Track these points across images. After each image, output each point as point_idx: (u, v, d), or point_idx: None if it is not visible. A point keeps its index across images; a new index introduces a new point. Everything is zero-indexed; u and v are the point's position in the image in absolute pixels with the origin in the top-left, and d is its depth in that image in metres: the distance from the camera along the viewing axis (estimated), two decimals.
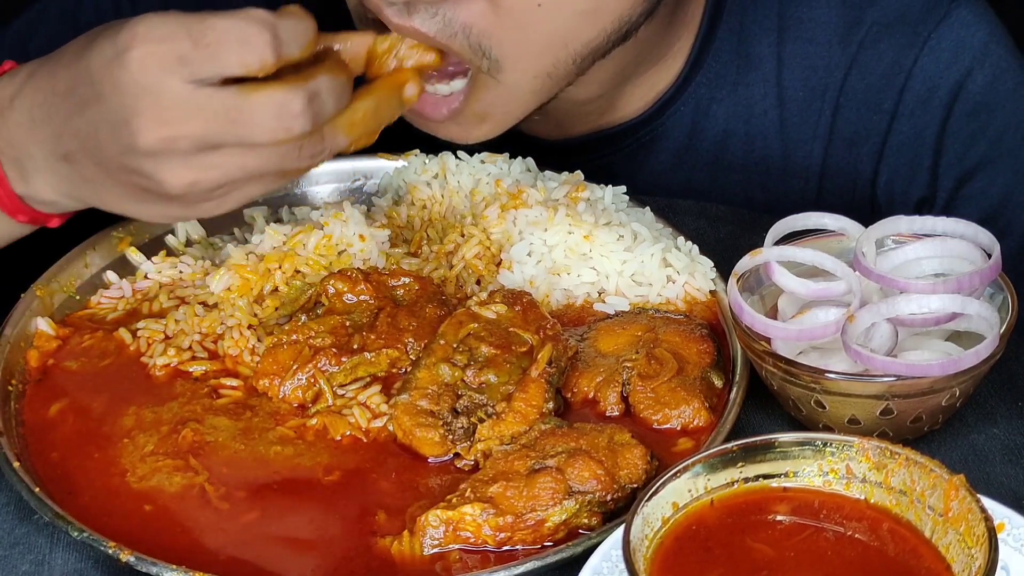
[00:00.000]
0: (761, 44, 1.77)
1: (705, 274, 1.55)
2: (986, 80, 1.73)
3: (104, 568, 1.34)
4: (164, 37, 1.28)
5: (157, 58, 1.28)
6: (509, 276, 1.55)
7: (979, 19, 1.74)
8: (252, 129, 1.29)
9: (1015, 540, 1.25)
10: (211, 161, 1.30)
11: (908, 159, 1.76)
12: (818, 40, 1.76)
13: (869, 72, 1.75)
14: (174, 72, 1.28)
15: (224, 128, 1.29)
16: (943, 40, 1.73)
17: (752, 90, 1.78)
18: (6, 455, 1.38)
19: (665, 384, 1.44)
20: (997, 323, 1.37)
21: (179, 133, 1.29)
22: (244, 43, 1.28)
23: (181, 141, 1.29)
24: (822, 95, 1.77)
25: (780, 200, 1.79)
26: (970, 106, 1.73)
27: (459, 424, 1.40)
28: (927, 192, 1.76)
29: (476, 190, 1.64)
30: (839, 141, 1.78)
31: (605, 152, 1.80)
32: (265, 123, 1.29)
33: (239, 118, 1.29)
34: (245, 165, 1.31)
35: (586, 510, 1.32)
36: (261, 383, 1.46)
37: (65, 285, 1.58)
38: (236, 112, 1.28)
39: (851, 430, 1.39)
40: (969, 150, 1.74)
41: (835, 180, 1.79)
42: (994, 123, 1.74)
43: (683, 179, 1.81)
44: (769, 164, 1.80)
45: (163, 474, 1.38)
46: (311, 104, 1.30)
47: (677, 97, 1.78)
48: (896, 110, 1.75)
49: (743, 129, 1.79)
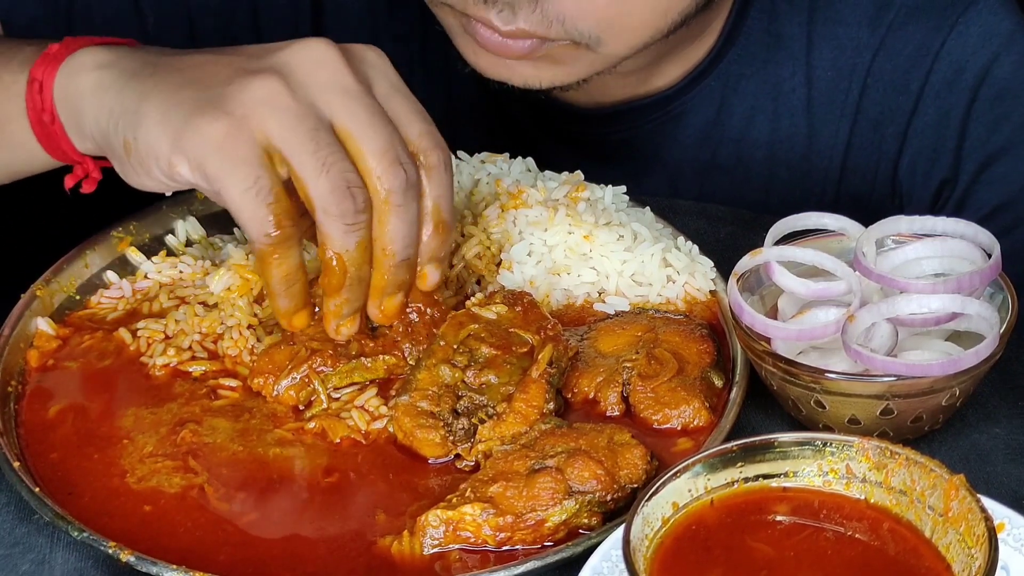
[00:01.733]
0: (792, 23, 1.79)
1: (705, 274, 1.55)
2: (1013, 66, 1.75)
3: (104, 568, 1.34)
4: (371, 61, 1.38)
5: (337, 65, 1.35)
6: (509, 276, 1.55)
7: (1006, 7, 1.76)
8: (317, 169, 1.32)
9: (1015, 540, 1.25)
10: (270, 133, 1.32)
11: (932, 140, 1.78)
12: (848, 21, 1.78)
13: (897, 54, 1.77)
14: (336, 72, 1.34)
15: (301, 142, 1.32)
16: (971, 25, 1.75)
17: (781, 68, 1.80)
18: (6, 455, 1.38)
19: (665, 384, 1.44)
20: (997, 323, 1.37)
21: (286, 102, 1.32)
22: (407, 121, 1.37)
23: (282, 100, 1.31)
24: (850, 75, 1.79)
25: (802, 180, 1.80)
26: (995, 91, 1.75)
27: (460, 425, 1.40)
28: (949, 174, 1.77)
29: (476, 190, 1.64)
30: (864, 121, 1.80)
31: (633, 123, 1.82)
32: (332, 179, 1.32)
33: (329, 155, 1.32)
34: (263, 182, 1.32)
35: (586, 510, 1.32)
36: (256, 381, 1.46)
37: (65, 285, 1.58)
38: (331, 148, 1.32)
39: (851, 430, 1.39)
40: (993, 134, 1.75)
41: (858, 160, 1.81)
42: (1019, 108, 1.76)
43: (709, 154, 1.83)
44: (794, 143, 1.81)
45: (163, 475, 1.38)
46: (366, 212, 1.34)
47: (708, 72, 1.80)
48: (922, 92, 1.77)
49: (771, 107, 1.81)
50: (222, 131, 1.31)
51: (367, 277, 1.38)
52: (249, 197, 1.32)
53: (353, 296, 1.38)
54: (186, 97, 1.34)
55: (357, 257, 1.35)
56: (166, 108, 1.33)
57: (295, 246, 1.35)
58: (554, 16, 1.53)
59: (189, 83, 1.35)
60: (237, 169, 1.31)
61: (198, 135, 1.32)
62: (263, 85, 1.33)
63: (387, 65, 1.40)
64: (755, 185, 1.83)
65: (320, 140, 1.32)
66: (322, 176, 1.31)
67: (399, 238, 1.36)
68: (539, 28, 1.54)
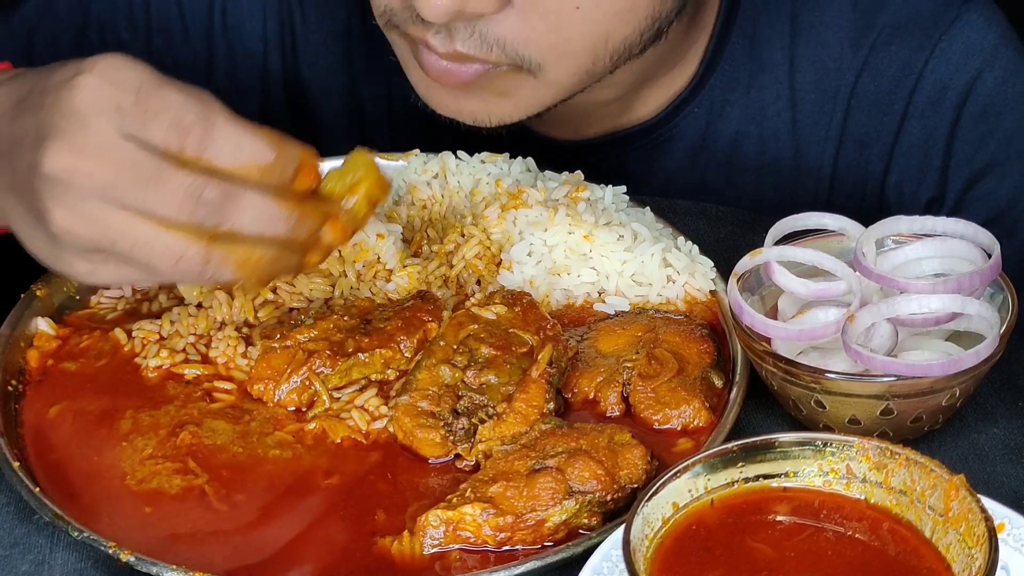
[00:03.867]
0: (774, 47, 1.78)
1: (705, 274, 1.55)
2: (996, 82, 1.75)
3: (104, 568, 1.34)
4: (117, 81, 1.26)
5: (100, 95, 1.25)
6: (509, 276, 1.55)
7: (989, 22, 1.75)
8: (158, 194, 1.24)
9: (1015, 540, 1.25)
10: (101, 215, 1.25)
11: (918, 160, 1.77)
12: (830, 43, 1.78)
13: (880, 74, 1.77)
14: (107, 116, 1.25)
15: (130, 184, 1.25)
16: (953, 43, 1.74)
17: (765, 92, 1.79)
18: (6, 455, 1.38)
19: (665, 384, 1.44)
20: (997, 323, 1.37)
21: (84, 169, 1.24)
22: (175, 125, 1.25)
23: (83, 178, 1.24)
24: (834, 97, 1.78)
25: (791, 200, 1.80)
26: (980, 107, 1.75)
27: (460, 425, 1.40)
28: (936, 192, 1.77)
29: (476, 190, 1.64)
30: (850, 142, 1.79)
31: (618, 153, 1.81)
32: (172, 194, 1.24)
33: (150, 179, 1.24)
34: (133, 235, 1.26)
35: (586, 510, 1.32)
36: (256, 388, 1.45)
37: (65, 285, 1.58)
38: (150, 173, 1.24)
39: (851, 430, 1.39)
40: (978, 151, 1.75)
41: (846, 180, 1.81)
42: (1003, 125, 1.75)
43: (696, 180, 1.82)
44: (781, 165, 1.81)
45: (163, 476, 1.38)
46: (227, 202, 1.26)
47: (691, 99, 1.79)
48: (907, 111, 1.77)
49: (756, 131, 1.80)
50: (52, 253, 1.30)
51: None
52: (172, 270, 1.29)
53: (303, 228, 1.31)
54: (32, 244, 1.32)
55: (264, 219, 1.28)
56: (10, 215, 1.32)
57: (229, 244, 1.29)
58: (493, 40, 1.53)
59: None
60: (96, 271, 1.30)
61: (42, 255, 1.31)
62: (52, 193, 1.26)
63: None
64: (745, 207, 1.83)
65: (140, 177, 1.25)
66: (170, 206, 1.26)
67: (255, 221, 1.28)
68: (478, 52, 1.53)
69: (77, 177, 1.25)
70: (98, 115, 1.25)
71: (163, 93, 1.26)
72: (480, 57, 1.54)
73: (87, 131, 1.25)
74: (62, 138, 1.25)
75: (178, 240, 1.26)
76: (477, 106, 1.61)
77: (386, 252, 1.56)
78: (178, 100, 1.26)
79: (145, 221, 1.25)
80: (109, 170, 1.25)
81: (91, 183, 1.25)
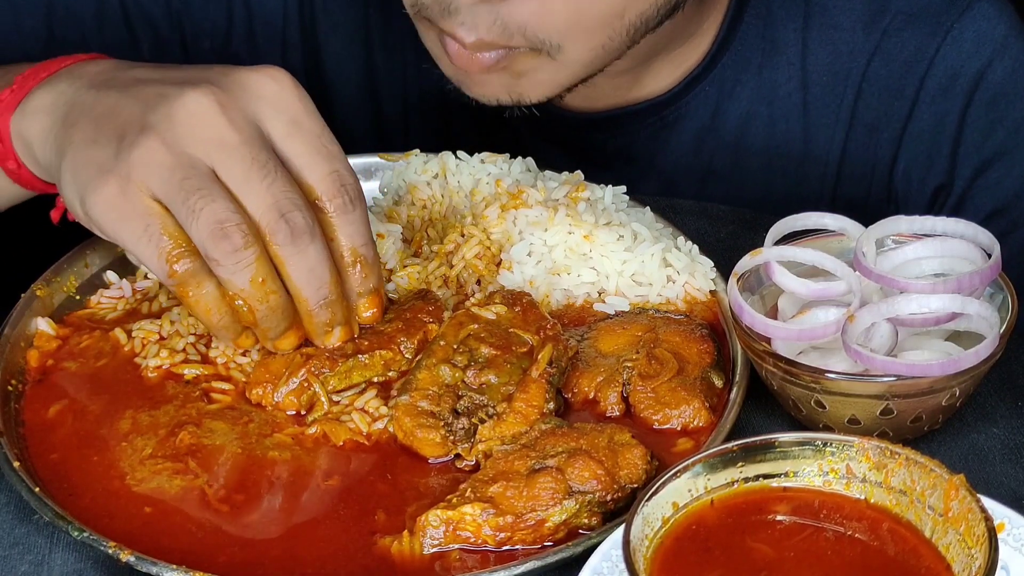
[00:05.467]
0: (787, 28, 1.79)
1: (705, 274, 1.55)
2: (1006, 71, 1.76)
3: (104, 568, 1.34)
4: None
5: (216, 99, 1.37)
6: (509, 276, 1.55)
7: (1000, 12, 1.77)
8: (204, 200, 1.35)
9: (1015, 540, 1.25)
10: (174, 185, 1.35)
11: (927, 146, 1.78)
12: (843, 26, 1.78)
13: (892, 59, 1.78)
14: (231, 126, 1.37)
15: (172, 194, 1.35)
16: (965, 31, 1.76)
17: (776, 73, 1.80)
18: (6, 455, 1.38)
19: (665, 384, 1.44)
20: (997, 323, 1.37)
21: (160, 158, 1.36)
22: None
23: (157, 156, 1.35)
24: (845, 80, 1.79)
25: (797, 189, 1.81)
26: (990, 96, 1.76)
27: (460, 425, 1.40)
28: (945, 179, 1.78)
29: (476, 190, 1.64)
30: (860, 126, 1.80)
31: (628, 129, 1.82)
32: (217, 206, 1.34)
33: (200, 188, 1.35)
34: (163, 225, 1.36)
35: (586, 510, 1.32)
36: (254, 392, 1.45)
37: (65, 285, 1.58)
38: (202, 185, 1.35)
39: (851, 430, 1.39)
40: (987, 139, 1.76)
41: (854, 165, 1.81)
42: (1012, 113, 1.76)
43: (704, 161, 1.83)
44: (790, 147, 1.81)
45: (163, 476, 1.38)
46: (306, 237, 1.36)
47: (703, 77, 1.80)
48: (917, 97, 1.78)
49: (766, 112, 1.81)
50: (113, 193, 1.37)
51: (282, 304, 1.39)
52: (143, 244, 1.37)
53: (274, 324, 1.40)
54: (89, 159, 1.39)
55: (256, 293, 1.37)
56: (75, 169, 1.40)
57: (205, 279, 1.37)
58: (515, 27, 1.54)
59: (93, 141, 1.40)
60: (127, 223, 1.37)
61: (95, 197, 1.38)
62: (143, 143, 1.37)
63: (289, 96, 1.40)
64: (751, 190, 1.83)
65: (189, 187, 1.35)
66: (194, 222, 1.35)
67: (305, 285, 1.38)
68: (500, 38, 1.55)
69: (156, 156, 1.36)
70: (199, 121, 1.38)
71: (300, 139, 1.39)
72: (502, 43, 1.56)
73: (199, 117, 1.38)
74: (159, 129, 1.38)
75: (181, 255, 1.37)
76: (498, 89, 1.62)
77: (386, 252, 1.56)
78: (313, 145, 1.40)
79: (192, 212, 1.35)
80: (189, 167, 1.36)
81: (161, 171, 1.36)
